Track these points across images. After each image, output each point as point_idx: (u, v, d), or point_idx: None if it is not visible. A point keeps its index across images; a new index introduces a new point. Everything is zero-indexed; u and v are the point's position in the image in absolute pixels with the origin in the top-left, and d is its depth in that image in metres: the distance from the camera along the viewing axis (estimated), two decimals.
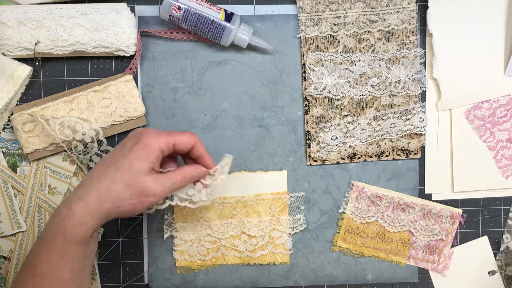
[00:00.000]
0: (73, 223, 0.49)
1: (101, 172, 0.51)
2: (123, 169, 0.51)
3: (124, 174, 0.50)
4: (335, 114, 0.67)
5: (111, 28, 0.62)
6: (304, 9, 0.65)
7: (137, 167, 0.51)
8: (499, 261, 0.71)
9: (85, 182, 0.51)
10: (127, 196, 0.51)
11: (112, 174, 0.50)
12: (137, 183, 0.51)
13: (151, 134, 0.52)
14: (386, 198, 0.68)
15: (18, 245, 0.65)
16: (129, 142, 0.52)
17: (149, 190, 0.51)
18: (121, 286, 0.68)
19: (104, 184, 0.50)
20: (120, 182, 0.50)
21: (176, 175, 0.54)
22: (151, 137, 0.52)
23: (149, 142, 0.52)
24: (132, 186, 0.51)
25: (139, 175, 0.51)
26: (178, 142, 0.54)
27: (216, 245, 0.67)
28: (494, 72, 0.68)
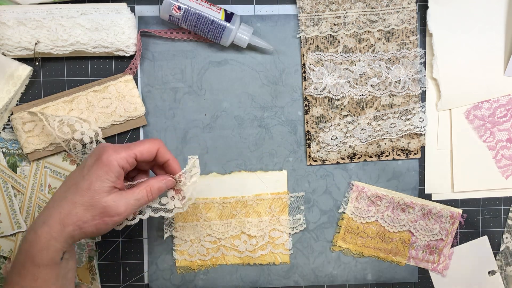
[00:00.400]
0: (39, 248, 0.48)
1: (62, 194, 0.50)
2: (83, 190, 0.49)
3: (84, 196, 0.49)
4: (335, 114, 0.67)
5: (111, 28, 0.62)
6: (304, 9, 0.65)
7: (97, 188, 0.49)
8: (499, 261, 0.71)
9: (49, 205, 0.50)
10: (89, 218, 0.49)
11: (72, 196, 0.49)
12: (98, 204, 0.49)
13: (109, 151, 0.50)
14: (386, 198, 0.68)
15: (18, 245, 0.65)
16: (89, 160, 0.51)
17: (112, 210, 0.50)
18: (121, 286, 0.68)
19: (66, 207, 0.49)
20: (81, 204, 0.49)
21: (141, 190, 0.52)
22: (110, 154, 0.50)
23: (108, 160, 0.50)
24: (93, 207, 0.49)
25: (99, 196, 0.49)
26: (139, 153, 0.52)
27: (216, 245, 0.67)
28: (494, 72, 0.68)
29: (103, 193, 0.50)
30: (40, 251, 0.48)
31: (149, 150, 0.53)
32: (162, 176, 0.55)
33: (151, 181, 0.53)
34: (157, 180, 0.54)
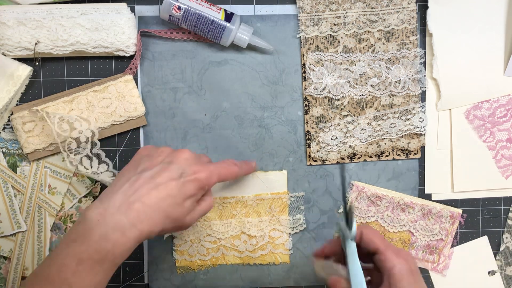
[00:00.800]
0: (126, 249, 0.48)
1: (155, 202, 0.50)
2: (177, 206, 0.51)
3: (176, 211, 0.51)
4: (335, 114, 0.67)
5: (111, 28, 0.62)
6: (304, 9, 0.65)
7: (187, 207, 0.52)
8: (499, 261, 0.71)
9: (135, 206, 0.49)
10: (170, 228, 0.52)
11: (166, 207, 0.50)
12: (181, 222, 0.52)
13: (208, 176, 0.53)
14: (386, 198, 0.68)
15: (18, 245, 0.65)
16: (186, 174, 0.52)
17: (186, 225, 0.53)
18: (121, 286, 0.68)
19: (158, 216, 0.49)
20: (171, 218, 0.51)
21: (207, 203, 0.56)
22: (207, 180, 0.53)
23: (204, 183, 0.53)
24: (177, 222, 0.52)
25: (185, 215, 0.52)
26: (222, 179, 0.56)
27: (216, 245, 0.67)
28: (494, 72, 0.68)
29: (190, 211, 0.53)
30: (125, 252, 0.48)
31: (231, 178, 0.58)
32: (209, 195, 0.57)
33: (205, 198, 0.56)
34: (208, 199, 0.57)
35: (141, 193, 0.49)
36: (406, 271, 0.50)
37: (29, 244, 0.65)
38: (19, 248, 0.65)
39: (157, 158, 0.53)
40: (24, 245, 0.65)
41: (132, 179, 0.51)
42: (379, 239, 0.53)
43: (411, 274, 0.51)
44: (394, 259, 0.51)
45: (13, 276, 0.65)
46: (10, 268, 0.65)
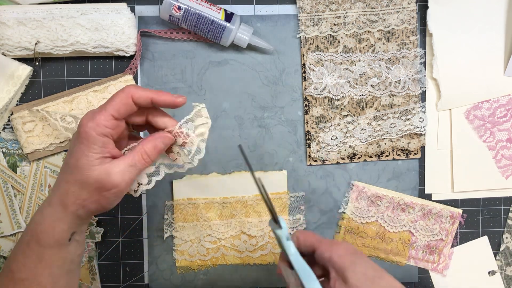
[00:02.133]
0: (44, 228, 0.47)
1: (59, 176, 0.48)
2: (71, 168, 0.46)
3: (74, 173, 0.46)
4: (335, 114, 0.67)
5: (111, 28, 0.62)
6: (304, 9, 0.65)
7: (83, 163, 0.46)
8: (499, 261, 0.71)
9: (53, 187, 0.49)
10: (87, 195, 0.47)
11: (65, 175, 0.47)
12: (90, 180, 0.46)
13: (84, 121, 0.46)
14: (386, 198, 0.68)
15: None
16: (72, 136, 0.48)
17: (107, 183, 0.46)
18: (121, 286, 0.68)
19: (62, 187, 0.47)
20: (74, 182, 0.46)
21: (134, 155, 0.48)
22: (85, 125, 0.45)
23: (85, 132, 0.45)
24: (87, 184, 0.46)
25: (88, 171, 0.46)
26: (113, 110, 0.46)
27: (216, 245, 0.67)
28: (494, 72, 0.68)
29: (91, 167, 0.46)
30: (46, 231, 0.47)
31: (123, 102, 0.47)
32: (156, 134, 0.49)
33: (144, 142, 0.48)
34: (151, 139, 0.49)
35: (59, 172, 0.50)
36: (344, 253, 0.49)
37: None
38: None
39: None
40: None
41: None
42: (313, 237, 0.52)
43: (351, 254, 0.50)
44: (329, 248, 0.50)
45: None
46: None
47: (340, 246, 0.50)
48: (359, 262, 0.49)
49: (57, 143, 0.64)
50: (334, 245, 0.50)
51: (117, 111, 0.46)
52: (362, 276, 0.48)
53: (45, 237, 0.47)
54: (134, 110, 0.48)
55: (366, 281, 0.48)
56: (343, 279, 0.48)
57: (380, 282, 0.48)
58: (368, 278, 0.48)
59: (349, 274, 0.48)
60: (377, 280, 0.48)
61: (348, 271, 0.48)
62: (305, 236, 0.52)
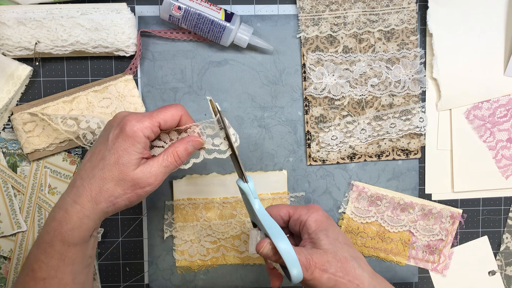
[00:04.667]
0: (70, 227, 0.48)
1: (89, 171, 0.49)
2: (110, 165, 0.48)
3: (112, 170, 0.48)
4: (335, 114, 0.67)
5: (111, 28, 0.62)
6: (304, 9, 0.65)
7: (125, 161, 0.48)
8: (499, 261, 0.71)
9: (76, 183, 0.49)
10: (121, 192, 0.48)
11: (100, 172, 0.48)
12: (128, 178, 0.48)
13: (132, 121, 0.48)
14: (386, 198, 0.68)
15: (18, 245, 0.65)
16: (112, 132, 0.49)
17: (143, 182, 0.49)
18: (121, 286, 0.68)
19: (95, 184, 0.48)
20: (110, 180, 0.48)
21: (167, 157, 0.50)
22: (134, 125, 0.47)
23: (133, 131, 0.47)
24: (124, 181, 0.48)
25: (128, 170, 0.48)
26: (162, 121, 0.49)
27: (216, 245, 0.67)
28: (494, 72, 0.68)
29: (131, 166, 0.48)
30: (72, 230, 0.48)
31: (173, 118, 0.50)
32: (187, 138, 0.52)
33: (176, 145, 0.51)
34: (183, 142, 0.51)
35: (81, 170, 0.50)
36: (320, 218, 0.53)
37: (29, 244, 0.65)
38: (19, 248, 0.65)
39: (101, 131, 0.51)
40: (24, 245, 0.65)
41: (83, 160, 0.51)
42: (287, 206, 0.55)
43: (326, 219, 0.53)
44: (307, 212, 0.53)
45: (13, 276, 0.65)
46: (10, 268, 0.65)
47: (317, 212, 0.53)
48: (331, 229, 0.52)
49: (57, 143, 0.64)
50: (311, 209, 0.54)
51: (164, 122, 0.50)
52: (334, 240, 0.51)
53: (72, 236, 0.48)
54: (174, 126, 0.52)
55: (336, 245, 0.51)
56: (315, 241, 0.51)
57: (348, 249, 0.51)
58: (338, 243, 0.51)
59: (321, 237, 0.51)
60: (345, 247, 0.51)
61: (321, 234, 0.51)
62: (277, 208, 0.55)
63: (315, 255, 0.49)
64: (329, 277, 0.49)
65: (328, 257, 0.49)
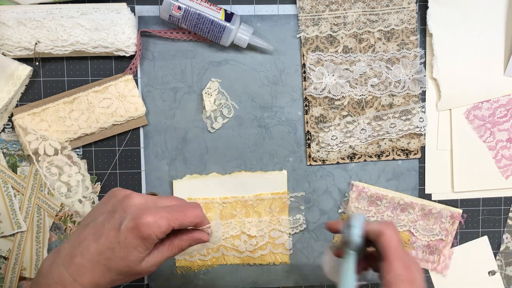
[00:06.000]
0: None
1: (95, 256, 0.46)
2: (118, 259, 0.46)
3: (119, 264, 0.46)
4: (335, 114, 0.67)
5: (111, 28, 0.62)
6: (304, 9, 0.65)
7: (133, 259, 0.46)
8: (499, 261, 0.71)
9: (76, 259, 0.46)
10: (121, 279, 0.48)
11: (107, 261, 0.46)
12: (133, 272, 0.47)
13: (149, 220, 0.45)
14: (386, 198, 0.68)
15: (16, 245, 0.65)
16: (125, 224, 0.46)
17: (144, 272, 0.48)
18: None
19: (99, 270, 0.46)
20: (115, 271, 0.46)
21: (172, 250, 0.49)
22: (151, 226, 0.45)
23: (148, 233, 0.45)
24: (126, 274, 0.47)
25: (134, 265, 0.47)
26: (178, 226, 0.47)
27: (216, 245, 0.67)
28: (494, 72, 0.68)
29: (138, 262, 0.47)
30: None
31: (191, 223, 0.48)
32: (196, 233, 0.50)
33: (184, 238, 0.49)
34: (189, 238, 0.50)
35: (83, 246, 0.47)
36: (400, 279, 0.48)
37: (27, 244, 0.65)
38: (18, 248, 0.65)
39: (107, 204, 0.49)
40: (22, 245, 0.65)
41: (80, 229, 0.48)
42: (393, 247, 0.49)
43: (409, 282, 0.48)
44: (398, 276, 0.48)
45: (11, 276, 0.65)
46: (8, 268, 0.65)
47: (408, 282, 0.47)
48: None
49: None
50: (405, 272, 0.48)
51: (180, 226, 0.47)
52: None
53: None
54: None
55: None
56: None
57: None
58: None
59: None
60: None
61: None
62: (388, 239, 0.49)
63: None
64: None
65: None
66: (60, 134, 0.63)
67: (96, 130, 0.64)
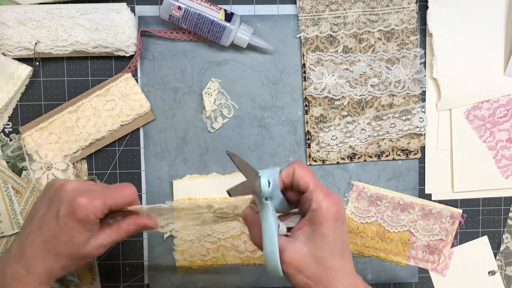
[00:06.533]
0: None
1: (42, 245, 0.49)
2: (63, 244, 0.48)
3: (65, 248, 0.48)
4: (335, 114, 0.67)
5: (111, 28, 0.62)
6: (304, 9, 0.65)
7: (77, 241, 0.49)
8: (499, 261, 0.71)
9: (25, 253, 0.49)
10: (70, 263, 0.50)
11: (53, 248, 0.48)
12: (80, 254, 0.49)
13: (84, 203, 0.47)
14: (386, 198, 0.68)
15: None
16: (62, 210, 0.48)
17: (92, 254, 0.50)
18: (121, 286, 0.68)
19: (49, 258, 0.49)
20: (63, 255, 0.49)
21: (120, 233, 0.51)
22: (86, 208, 0.47)
23: (85, 214, 0.47)
24: (75, 257, 0.49)
25: (80, 247, 0.49)
26: (114, 205, 0.49)
27: (216, 245, 0.67)
28: (494, 72, 0.68)
29: (83, 243, 0.49)
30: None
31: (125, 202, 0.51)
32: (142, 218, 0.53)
33: (130, 223, 0.52)
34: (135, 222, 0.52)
35: (30, 239, 0.49)
36: (332, 215, 0.48)
37: None
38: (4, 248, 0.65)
39: (44, 197, 0.51)
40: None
41: (25, 226, 0.50)
42: (311, 178, 0.49)
43: (335, 219, 0.48)
44: (322, 200, 0.48)
45: None
46: None
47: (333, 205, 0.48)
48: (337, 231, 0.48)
49: (71, 154, 0.63)
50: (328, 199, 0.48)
51: (116, 206, 0.49)
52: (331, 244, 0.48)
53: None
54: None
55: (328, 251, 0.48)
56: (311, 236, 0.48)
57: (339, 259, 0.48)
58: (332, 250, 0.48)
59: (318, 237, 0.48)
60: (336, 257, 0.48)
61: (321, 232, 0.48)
62: (302, 173, 0.50)
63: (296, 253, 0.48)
64: (301, 280, 0.48)
65: (307, 260, 0.48)
66: (71, 144, 0.63)
67: (106, 134, 0.64)
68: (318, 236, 0.48)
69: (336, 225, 0.48)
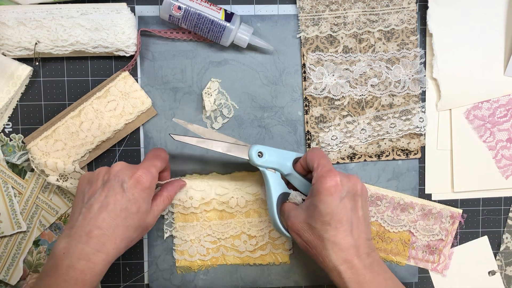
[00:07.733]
0: (95, 274, 0.51)
1: (111, 221, 0.53)
2: (133, 215, 0.54)
3: (134, 219, 0.54)
4: (335, 114, 0.67)
5: (111, 28, 0.62)
6: (304, 9, 0.65)
7: (144, 210, 0.55)
8: (499, 261, 0.71)
9: (93, 233, 0.52)
10: (136, 236, 0.56)
11: (123, 221, 0.53)
12: (144, 225, 0.56)
13: (143, 172, 0.55)
14: (386, 198, 0.68)
15: (16, 245, 0.65)
16: (126, 184, 0.54)
17: (150, 224, 0.58)
18: (121, 286, 0.68)
19: (119, 232, 0.53)
20: (132, 227, 0.54)
21: (164, 202, 0.59)
22: (146, 176, 0.55)
23: (148, 181, 0.55)
24: (140, 227, 0.56)
25: (145, 217, 0.56)
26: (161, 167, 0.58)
27: (216, 245, 0.67)
28: (494, 72, 0.68)
29: (147, 213, 0.56)
30: (96, 276, 0.51)
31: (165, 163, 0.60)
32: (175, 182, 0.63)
33: (169, 189, 0.61)
34: (174, 187, 0.62)
35: (95, 220, 0.52)
36: (325, 190, 0.53)
37: (15, 244, 0.65)
38: (17, 248, 0.65)
39: (96, 182, 0.55)
40: (10, 246, 0.65)
41: (83, 212, 0.54)
42: (318, 159, 0.56)
43: (329, 194, 0.53)
44: (320, 176, 0.54)
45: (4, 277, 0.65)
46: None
47: (326, 184, 0.53)
48: (329, 204, 0.53)
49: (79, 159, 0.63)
50: (324, 177, 0.54)
51: (161, 167, 0.58)
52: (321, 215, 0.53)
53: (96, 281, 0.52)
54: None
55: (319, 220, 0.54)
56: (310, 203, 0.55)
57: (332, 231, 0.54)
58: (322, 221, 0.53)
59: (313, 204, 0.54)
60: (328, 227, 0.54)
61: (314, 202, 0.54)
62: (311, 155, 0.58)
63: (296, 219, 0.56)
64: (301, 242, 0.56)
65: (304, 226, 0.55)
66: (78, 149, 0.63)
67: (111, 134, 0.64)
68: (311, 207, 0.54)
69: (330, 199, 0.53)
